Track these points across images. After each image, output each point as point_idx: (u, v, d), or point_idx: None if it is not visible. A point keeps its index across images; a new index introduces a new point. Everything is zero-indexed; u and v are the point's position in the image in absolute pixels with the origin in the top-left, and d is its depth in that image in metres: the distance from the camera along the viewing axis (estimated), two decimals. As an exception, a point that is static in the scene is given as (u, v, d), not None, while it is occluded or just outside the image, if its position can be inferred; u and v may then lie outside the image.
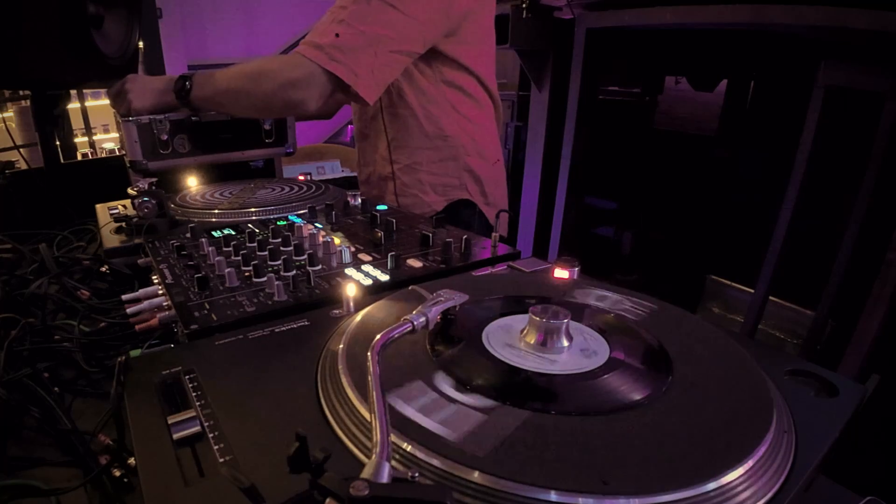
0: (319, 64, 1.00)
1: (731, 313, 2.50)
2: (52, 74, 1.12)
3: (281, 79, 1.03)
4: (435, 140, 1.22)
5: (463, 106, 1.23)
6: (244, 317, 0.60)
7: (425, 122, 1.21)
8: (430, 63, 1.16)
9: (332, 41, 1.00)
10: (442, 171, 1.25)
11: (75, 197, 1.30)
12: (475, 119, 1.26)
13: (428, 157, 1.24)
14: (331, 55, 1.00)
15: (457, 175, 1.26)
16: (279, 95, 1.03)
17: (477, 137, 1.26)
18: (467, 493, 0.32)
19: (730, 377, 0.44)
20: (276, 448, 0.37)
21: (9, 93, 1.81)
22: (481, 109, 1.27)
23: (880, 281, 1.56)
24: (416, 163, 1.25)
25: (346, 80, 1.01)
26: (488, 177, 1.29)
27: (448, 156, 1.24)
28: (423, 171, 1.25)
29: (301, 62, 1.01)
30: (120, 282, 0.86)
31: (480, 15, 1.18)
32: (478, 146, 1.26)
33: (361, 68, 1.01)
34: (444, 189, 1.26)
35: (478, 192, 1.28)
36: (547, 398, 0.42)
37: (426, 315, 0.46)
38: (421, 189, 1.26)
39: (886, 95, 1.64)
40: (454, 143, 1.23)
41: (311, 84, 1.02)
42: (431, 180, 1.25)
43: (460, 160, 1.25)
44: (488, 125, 1.31)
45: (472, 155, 1.26)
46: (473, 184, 1.27)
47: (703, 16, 1.92)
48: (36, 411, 0.57)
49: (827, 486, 0.39)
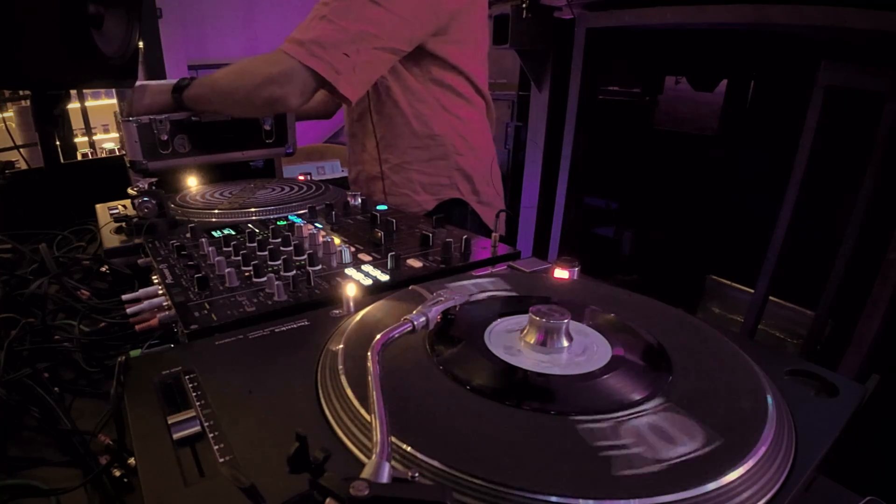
0: (299, 60, 1.00)
1: (731, 313, 2.50)
2: (52, 74, 1.12)
3: (261, 75, 1.03)
4: (424, 139, 1.22)
5: (452, 105, 1.23)
6: (244, 317, 0.60)
7: (414, 121, 1.21)
8: (419, 62, 1.16)
9: (313, 37, 1.00)
10: (432, 170, 1.25)
11: (75, 197, 1.30)
12: (465, 118, 1.25)
13: (418, 157, 1.24)
14: (311, 51, 1.00)
15: (447, 174, 1.26)
16: (260, 92, 1.03)
17: (467, 136, 1.26)
18: (467, 493, 0.32)
19: (730, 377, 0.44)
20: (276, 448, 0.37)
21: (9, 93, 1.81)
22: (472, 108, 1.27)
23: (880, 281, 1.56)
24: (405, 162, 1.25)
25: (327, 76, 1.01)
26: (480, 175, 1.29)
27: (438, 155, 1.24)
28: (413, 170, 1.25)
29: (281, 58, 1.01)
30: (120, 282, 0.86)
31: (471, 14, 1.17)
32: (468, 145, 1.26)
33: (342, 65, 1.01)
34: (434, 188, 1.26)
35: (469, 191, 1.28)
36: (547, 398, 0.42)
37: (426, 315, 0.46)
38: (411, 188, 1.26)
39: (886, 95, 1.64)
40: (443, 141, 1.23)
41: (292, 80, 1.01)
42: (422, 179, 1.25)
43: (450, 159, 1.25)
44: (479, 123, 1.31)
45: (463, 154, 1.25)
46: (464, 182, 1.27)
47: (703, 16, 1.91)
48: (36, 411, 0.57)
49: (827, 486, 0.39)
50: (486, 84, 1.29)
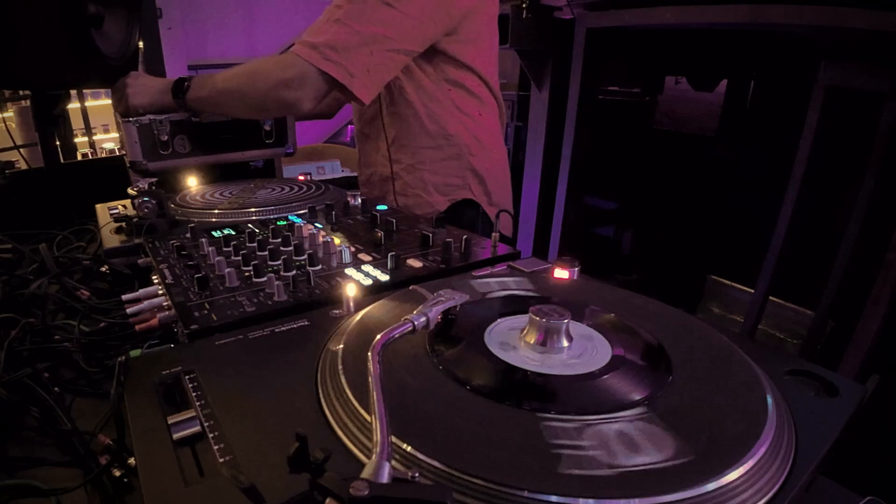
0: (313, 63, 0.99)
1: (731, 313, 2.50)
2: (52, 74, 1.12)
3: (274, 79, 1.02)
4: (437, 139, 1.21)
5: (466, 105, 1.22)
6: (244, 317, 0.60)
7: (427, 121, 1.20)
8: (432, 61, 1.15)
9: (326, 40, 0.99)
10: (445, 170, 1.24)
11: (75, 197, 1.30)
12: (478, 118, 1.24)
13: (431, 157, 1.23)
14: (325, 55, 0.99)
15: (460, 175, 1.24)
16: (273, 95, 1.03)
17: (480, 136, 1.25)
18: (467, 493, 0.32)
19: (730, 377, 0.44)
20: (276, 448, 0.37)
21: (9, 93, 1.81)
22: (484, 108, 1.26)
23: (880, 281, 1.56)
24: (418, 162, 1.23)
25: (341, 79, 1.00)
26: (492, 176, 1.28)
27: (451, 155, 1.23)
28: (426, 170, 1.24)
29: (295, 62, 1.01)
30: (120, 282, 0.86)
31: (482, 13, 1.17)
32: (481, 145, 1.25)
33: (357, 68, 1.01)
34: (447, 189, 1.25)
35: (481, 192, 1.27)
36: (547, 398, 0.42)
37: (427, 315, 0.46)
38: (424, 189, 1.24)
39: (886, 95, 1.64)
40: (457, 141, 1.22)
41: (305, 84, 1.01)
42: (434, 180, 1.24)
43: (463, 159, 1.23)
44: (492, 124, 1.30)
45: (476, 154, 1.24)
46: (477, 184, 1.26)
47: (703, 16, 1.92)
48: (36, 411, 0.57)
49: (827, 486, 0.39)
50: (497, 83, 1.28)
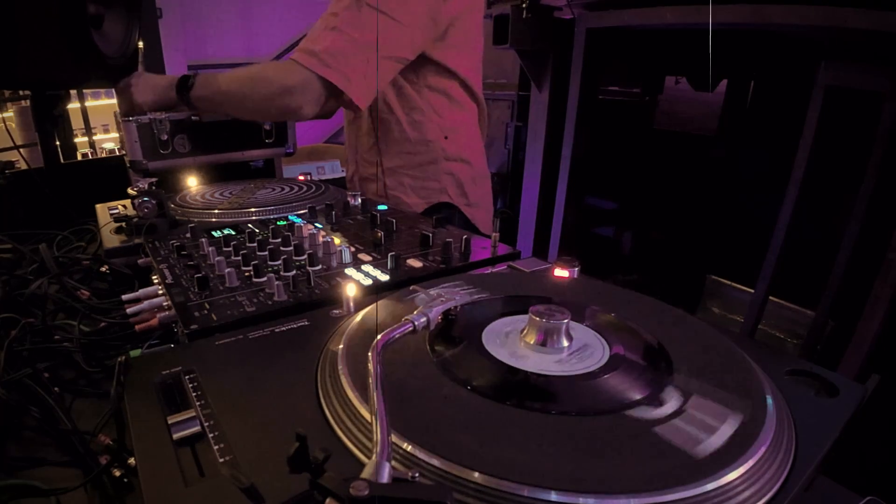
0: (314, 70, 1.02)
1: (731, 313, 2.50)
2: (52, 74, 1.12)
3: (277, 85, 1.04)
4: (417, 145, 1.25)
5: (445, 110, 1.25)
6: (244, 317, 0.60)
7: (409, 128, 1.23)
8: (416, 70, 1.18)
9: (325, 47, 1.02)
10: (423, 174, 1.27)
11: (75, 197, 1.30)
12: (456, 122, 1.27)
13: (409, 161, 1.26)
14: (324, 61, 1.02)
15: (437, 178, 1.27)
16: (275, 101, 1.05)
17: (458, 140, 1.28)
18: (467, 493, 0.32)
19: (730, 377, 0.44)
20: (276, 448, 0.37)
21: (9, 93, 1.81)
22: (463, 112, 1.29)
23: (880, 281, 1.56)
24: (398, 166, 1.27)
25: (340, 85, 1.02)
26: (469, 178, 1.31)
27: (429, 160, 1.26)
28: (405, 174, 1.27)
29: (296, 69, 1.03)
30: (120, 282, 0.86)
31: (468, 19, 1.19)
32: (458, 149, 1.28)
33: (354, 74, 1.03)
34: (424, 192, 1.28)
35: (458, 195, 1.30)
36: (547, 398, 0.42)
37: (427, 315, 0.46)
38: (403, 192, 1.28)
39: (886, 95, 1.64)
40: (434, 147, 1.25)
41: (307, 90, 1.03)
42: (413, 183, 1.28)
43: (440, 164, 1.27)
44: (470, 127, 1.33)
45: (453, 158, 1.27)
46: (454, 187, 1.29)
47: (703, 16, 1.91)
48: (36, 411, 0.57)
49: (827, 486, 0.39)
50: (480, 87, 1.31)
